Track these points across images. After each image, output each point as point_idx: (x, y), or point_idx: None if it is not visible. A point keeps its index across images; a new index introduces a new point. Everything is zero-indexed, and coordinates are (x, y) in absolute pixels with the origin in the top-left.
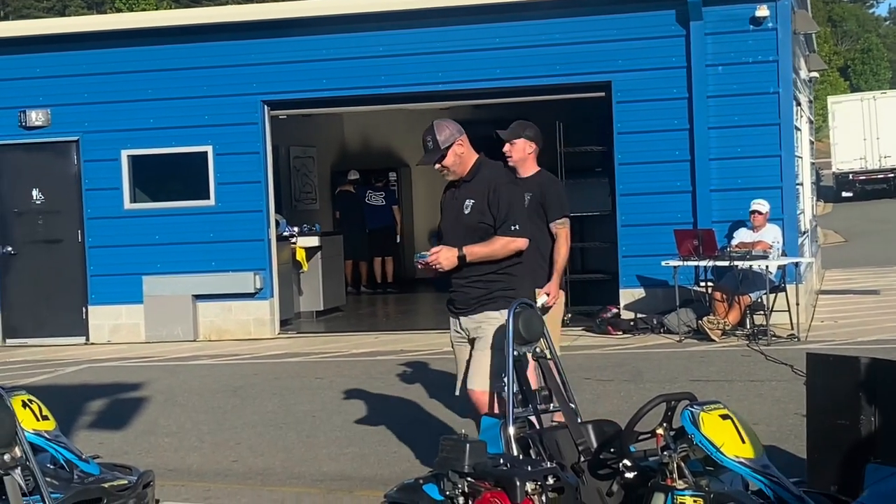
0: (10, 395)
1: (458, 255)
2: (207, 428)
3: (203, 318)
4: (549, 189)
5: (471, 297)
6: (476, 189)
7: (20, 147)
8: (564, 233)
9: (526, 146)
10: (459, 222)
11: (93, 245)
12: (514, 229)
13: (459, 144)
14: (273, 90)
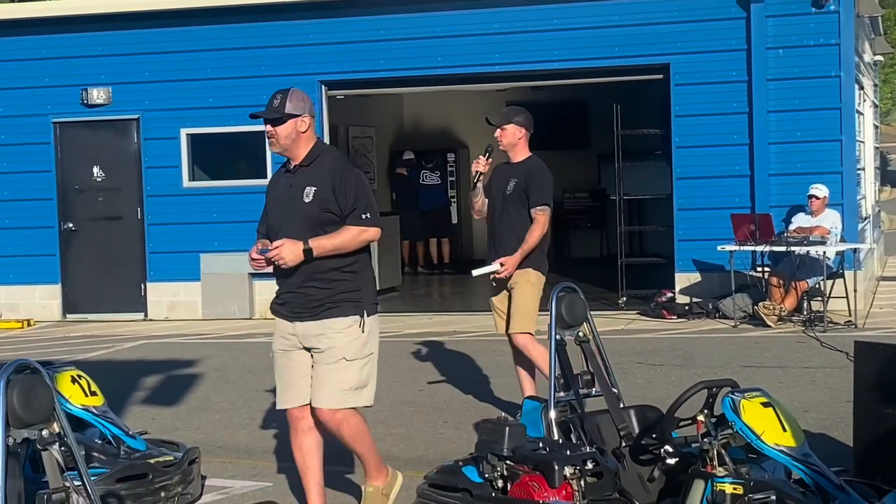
0: (60, 371)
1: (304, 248)
2: (258, 406)
3: (259, 296)
4: (534, 175)
5: (311, 299)
6: (317, 175)
7: (82, 125)
8: (542, 219)
9: (516, 131)
10: (298, 212)
11: (152, 222)
12: (364, 218)
13: (303, 122)
14: (330, 70)
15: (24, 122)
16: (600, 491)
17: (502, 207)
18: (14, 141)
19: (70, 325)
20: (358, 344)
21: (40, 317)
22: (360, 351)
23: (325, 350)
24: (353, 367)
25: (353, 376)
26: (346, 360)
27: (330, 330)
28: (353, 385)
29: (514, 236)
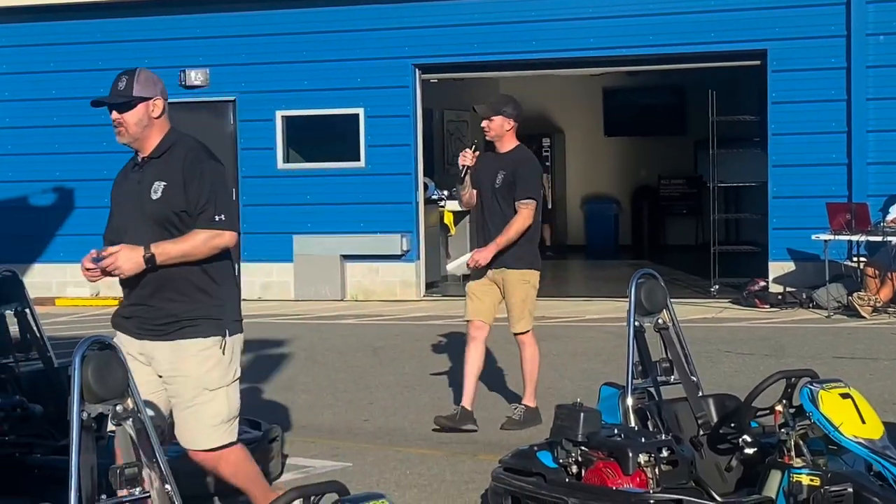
0: None
1: (144, 255)
2: (343, 387)
3: (350, 278)
4: (521, 167)
5: (163, 315)
6: (168, 169)
7: (179, 106)
8: (526, 212)
9: (504, 123)
10: (145, 212)
11: (246, 203)
12: (218, 220)
13: (156, 105)
14: (424, 54)
15: None
16: (675, 479)
17: (491, 200)
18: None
19: None
20: (220, 370)
21: None
22: (223, 377)
23: (179, 381)
24: (220, 398)
25: (220, 408)
26: (209, 390)
27: (185, 354)
28: (223, 418)
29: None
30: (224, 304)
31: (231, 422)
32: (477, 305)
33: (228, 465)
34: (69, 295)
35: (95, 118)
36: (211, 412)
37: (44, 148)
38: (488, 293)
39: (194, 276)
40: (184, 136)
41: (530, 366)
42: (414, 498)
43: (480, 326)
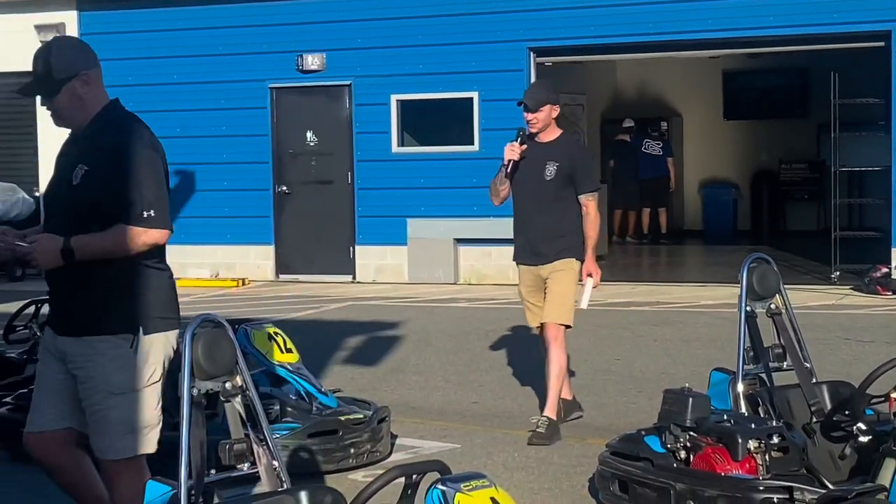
0: (257, 328)
1: (63, 247)
2: (454, 369)
3: (464, 261)
4: (579, 159)
5: (77, 308)
6: (93, 152)
7: (296, 90)
8: (594, 207)
9: (551, 111)
10: (64, 199)
11: (361, 187)
12: (146, 216)
13: (84, 81)
14: (539, 37)
15: (243, 87)
16: (786, 466)
17: (537, 193)
18: (233, 105)
19: (282, 285)
20: (128, 372)
21: (254, 276)
22: (131, 381)
23: (89, 382)
24: (126, 404)
25: (126, 416)
26: (113, 394)
27: (92, 352)
28: (129, 427)
29: (560, 224)
30: (142, 295)
31: (143, 432)
32: (536, 313)
33: (123, 486)
34: (190, 276)
35: (214, 102)
36: (114, 418)
37: (164, 132)
38: (541, 298)
39: (112, 267)
40: (121, 114)
41: (557, 369)
42: (521, 480)
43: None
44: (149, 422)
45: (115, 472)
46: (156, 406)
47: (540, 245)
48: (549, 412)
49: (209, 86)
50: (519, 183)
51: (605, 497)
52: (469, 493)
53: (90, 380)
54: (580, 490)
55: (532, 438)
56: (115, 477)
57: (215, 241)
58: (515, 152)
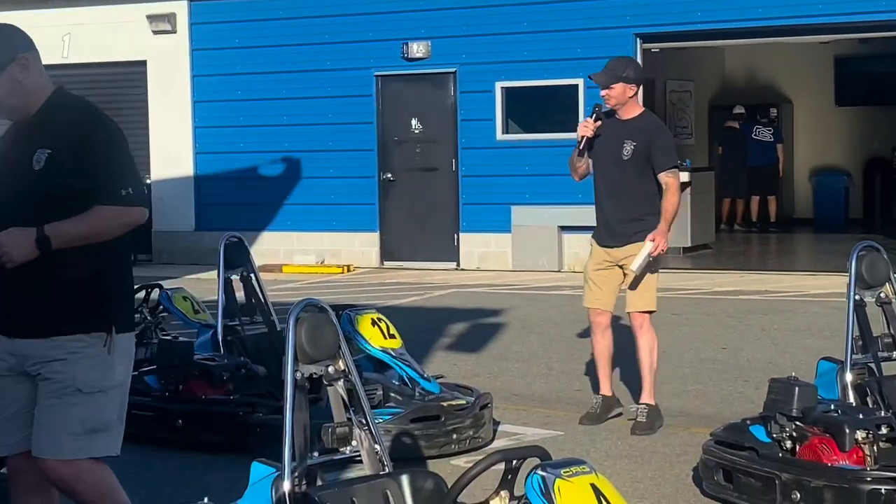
0: (361, 314)
1: (37, 236)
2: (557, 356)
3: (568, 249)
4: (657, 136)
5: (38, 306)
6: (53, 133)
7: (401, 78)
8: (674, 183)
9: (626, 90)
10: (25, 186)
11: (466, 174)
12: (125, 194)
13: (22, 66)
14: (646, 23)
15: (349, 75)
16: (894, 457)
17: (615, 172)
18: (339, 93)
19: (386, 272)
20: (100, 370)
21: (359, 263)
22: (101, 380)
23: (52, 378)
24: (92, 403)
25: (89, 414)
26: (82, 392)
27: (62, 351)
28: (89, 426)
29: (637, 204)
30: (112, 293)
31: (97, 435)
32: (595, 294)
33: (86, 486)
34: (296, 262)
35: (321, 90)
36: (75, 416)
37: (273, 120)
38: (608, 279)
39: (76, 262)
40: (72, 98)
41: (649, 357)
42: (624, 468)
43: (601, 313)
44: (107, 425)
45: (68, 478)
46: (121, 410)
47: (616, 225)
48: (647, 398)
49: (315, 74)
50: (598, 161)
51: (709, 486)
52: (569, 479)
53: (58, 375)
54: (684, 479)
55: (634, 429)
56: (75, 482)
57: (321, 228)
58: (588, 128)
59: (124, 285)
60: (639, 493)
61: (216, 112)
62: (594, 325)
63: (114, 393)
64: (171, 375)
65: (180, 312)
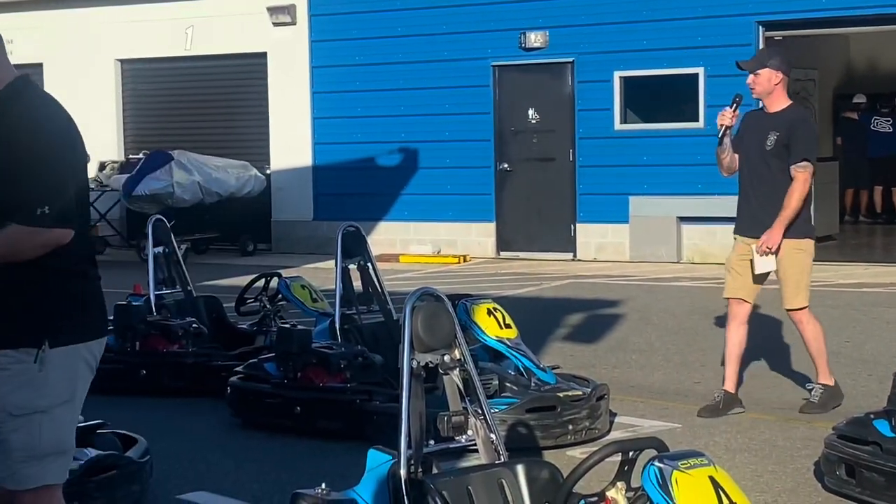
0: (477, 303)
1: None
2: (676, 348)
3: (687, 240)
4: (797, 128)
5: None
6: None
7: (518, 68)
8: (802, 177)
9: (772, 76)
10: None
11: (583, 164)
12: (39, 214)
13: None
14: (768, 10)
15: (466, 65)
16: None
17: (759, 164)
18: (456, 84)
19: (502, 262)
20: (30, 390)
21: (475, 253)
22: (33, 400)
23: None
24: (30, 426)
25: (31, 440)
26: (12, 415)
27: None
28: (34, 452)
29: (779, 196)
30: (50, 306)
31: (52, 458)
32: (737, 282)
33: None
34: (412, 252)
35: (438, 81)
36: (18, 444)
37: (390, 110)
38: (749, 268)
39: (11, 273)
40: (29, 93)
41: (816, 344)
42: (743, 462)
43: (741, 304)
44: (58, 447)
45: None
46: (69, 430)
47: (758, 216)
48: (824, 379)
49: (433, 65)
50: (744, 153)
51: (831, 481)
52: (687, 471)
53: None
54: (805, 473)
55: (804, 408)
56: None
57: (437, 217)
58: (726, 117)
59: (61, 294)
60: (759, 488)
61: (334, 103)
62: (731, 316)
63: (59, 412)
64: (289, 363)
65: (298, 301)
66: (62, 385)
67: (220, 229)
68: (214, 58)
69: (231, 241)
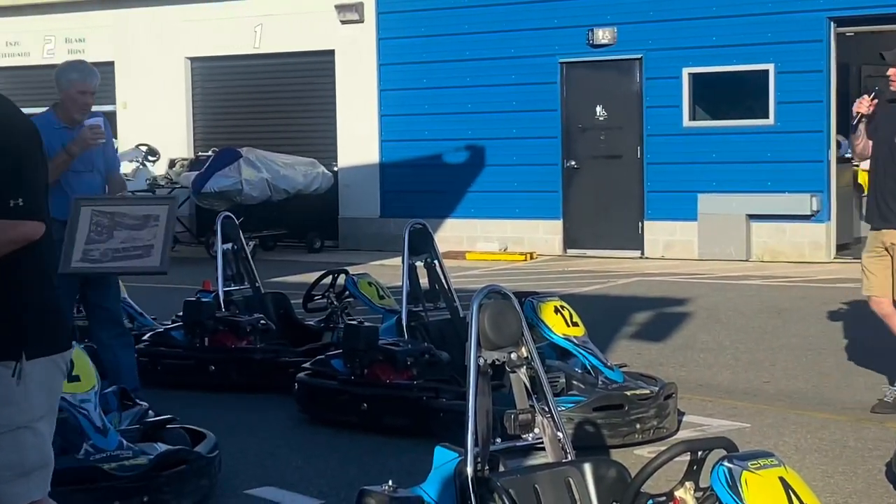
0: (543, 301)
1: None
2: (744, 347)
3: (756, 238)
4: None
5: None
6: None
7: (586, 65)
8: None
9: None
10: None
11: (651, 161)
12: (13, 206)
13: None
14: (840, 6)
15: (533, 62)
16: None
17: (888, 158)
18: (523, 81)
19: (569, 260)
20: (10, 406)
21: (542, 250)
22: (15, 417)
23: None
24: (17, 443)
25: (11, 458)
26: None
27: None
28: (17, 471)
29: None
30: (23, 315)
31: (37, 473)
32: (871, 281)
33: None
34: (479, 249)
35: (505, 78)
36: (4, 462)
37: (457, 107)
38: (879, 265)
39: None
40: None
41: None
42: (813, 463)
43: (879, 301)
44: (42, 461)
45: None
46: (46, 443)
47: (885, 208)
48: None
49: (500, 62)
50: (876, 144)
51: None
52: (756, 471)
53: None
54: (876, 475)
55: (875, 407)
56: None
57: (504, 215)
58: (863, 105)
59: (39, 304)
60: (829, 489)
61: (401, 100)
62: (877, 314)
63: (41, 426)
64: (356, 359)
65: (365, 298)
66: (41, 398)
67: (287, 226)
68: (283, 56)
69: (298, 237)
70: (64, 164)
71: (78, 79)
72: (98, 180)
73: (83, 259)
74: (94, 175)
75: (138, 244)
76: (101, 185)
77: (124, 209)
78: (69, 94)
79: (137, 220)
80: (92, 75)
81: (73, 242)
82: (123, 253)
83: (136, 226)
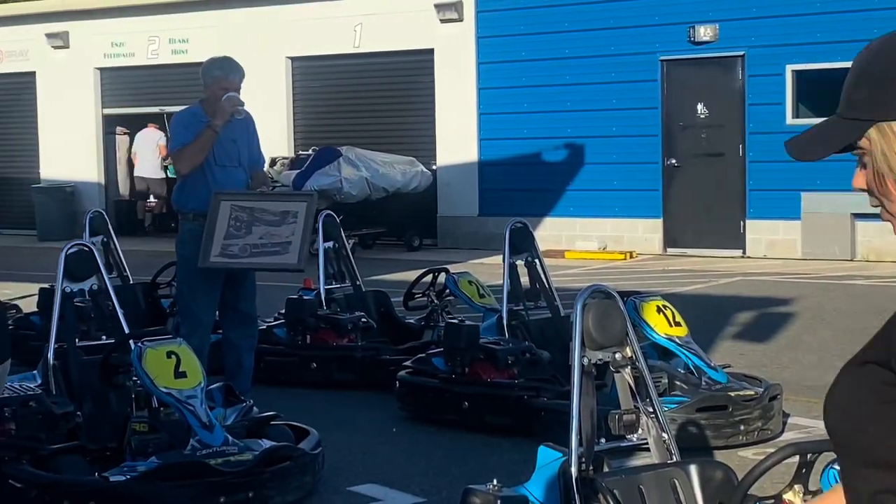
0: (646, 300)
1: None
2: (851, 348)
3: (861, 237)
4: None
5: None
6: None
7: (687, 62)
8: None
9: None
10: None
11: (753, 160)
12: None
13: None
14: None
15: (634, 59)
16: None
17: None
18: (624, 78)
19: (670, 259)
20: None
21: (642, 249)
22: None
23: None
24: None
25: None
26: None
27: None
28: None
29: None
30: None
31: None
32: None
33: None
34: (578, 248)
35: (605, 76)
36: None
37: (556, 105)
38: None
39: None
40: None
41: None
42: None
43: None
44: None
45: None
46: None
47: None
48: None
49: (599, 59)
50: None
51: None
52: None
53: None
54: None
55: None
56: None
57: (604, 213)
58: None
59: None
60: None
61: (500, 99)
62: None
63: None
64: (457, 358)
65: (466, 296)
66: None
67: (386, 224)
68: (382, 55)
69: (397, 236)
70: (210, 138)
71: (221, 75)
72: (242, 175)
73: (222, 254)
74: (238, 170)
75: (276, 240)
76: (244, 180)
77: (263, 205)
78: (213, 91)
79: (276, 216)
80: (234, 72)
81: (211, 237)
82: (261, 249)
83: (274, 222)
